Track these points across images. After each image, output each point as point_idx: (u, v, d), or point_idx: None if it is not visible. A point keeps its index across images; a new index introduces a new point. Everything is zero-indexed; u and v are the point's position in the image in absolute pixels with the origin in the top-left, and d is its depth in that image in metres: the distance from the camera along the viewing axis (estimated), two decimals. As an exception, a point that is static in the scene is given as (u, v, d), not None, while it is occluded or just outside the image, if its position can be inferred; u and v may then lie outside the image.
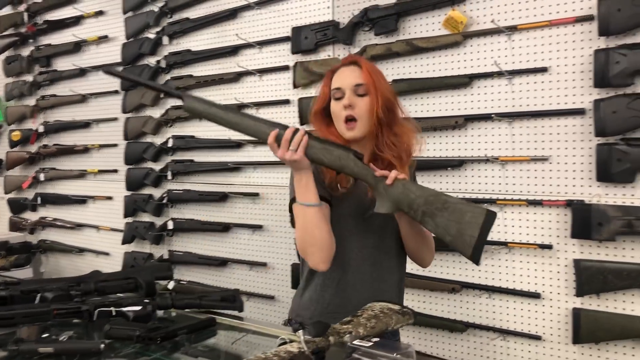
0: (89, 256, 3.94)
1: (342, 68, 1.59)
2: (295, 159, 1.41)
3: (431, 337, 2.51)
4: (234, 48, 3.06)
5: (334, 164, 1.44)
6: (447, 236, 1.41)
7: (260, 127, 1.47)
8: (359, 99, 1.53)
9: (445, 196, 1.43)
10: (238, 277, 3.18)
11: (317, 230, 1.47)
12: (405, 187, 1.44)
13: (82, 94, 3.82)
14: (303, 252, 1.53)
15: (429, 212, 1.42)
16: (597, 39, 2.08)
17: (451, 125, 2.38)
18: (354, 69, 1.56)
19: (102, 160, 3.81)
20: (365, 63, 1.57)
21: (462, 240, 1.39)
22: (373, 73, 1.55)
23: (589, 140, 2.12)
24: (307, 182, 1.46)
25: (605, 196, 2.09)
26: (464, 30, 2.35)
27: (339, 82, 1.56)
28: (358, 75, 1.55)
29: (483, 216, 1.38)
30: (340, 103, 1.54)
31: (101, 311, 1.55)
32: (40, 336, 1.45)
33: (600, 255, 2.11)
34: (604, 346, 2.13)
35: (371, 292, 1.59)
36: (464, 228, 1.39)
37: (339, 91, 1.55)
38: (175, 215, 3.42)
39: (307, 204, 1.46)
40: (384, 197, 1.45)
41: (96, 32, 3.74)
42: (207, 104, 1.46)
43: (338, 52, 2.72)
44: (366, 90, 1.54)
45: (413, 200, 1.43)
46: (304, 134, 1.41)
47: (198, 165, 3.27)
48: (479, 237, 1.38)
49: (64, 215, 4.06)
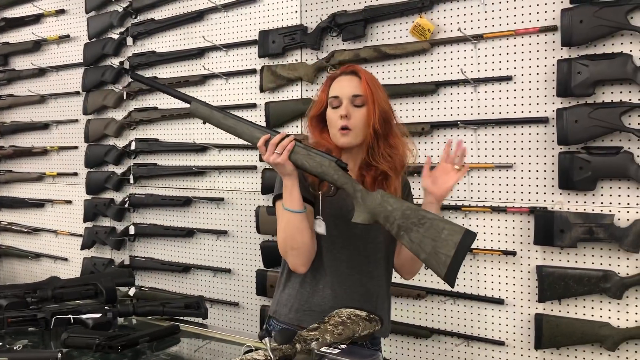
0: (47, 262, 3.81)
1: (341, 76, 1.60)
2: (278, 161, 1.45)
3: (396, 343, 2.51)
4: (200, 50, 3.02)
5: (315, 170, 1.47)
6: (421, 253, 1.40)
7: (254, 132, 1.50)
8: (355, 109, 1.56)
9: (423, 212, 1.42)
10: (202, 284, 3.12)
11: (298, 234, 1.51)
12: (384, 199, 1.45)
13: (41, 95, 3.70)
14: (284, 254, 1.56)
15: (405, 226, 1.41)
16: (560, 49, 2.13)
17: (418, 131, 2.39)
18: (353, 78, 1.58)
19: (61, 162, 3.70)
20: (365, 73, 1.58)
21: (437, 258, 1.37)
22: (371, 84, 1.56)
23: (552, 148, 2.16)
24: (292, 189, 1.49)
25: (567, 203, 2.13)
26: (431, 38, 2.37)
27: (337, 90, 1.58)
28: (357, 85, 1.56)
29: (460, 235, 1.36)
30: (337, 112, 1.56)
31: (58, 319, 1.50)
32: (-8, 345, 1.39)
33: (562, 262, 2.15)
34: (564, 351, 2.17)
35: (347, 293, 1.60)
36: (440, 246, 1.37)
37: (336, 100, 1.57)
38: (137, 220, 3.34)
39: (290, 210, 1.49)
40: (362, 207, 1.46)
41: (57, 32, 3.64)
42: (209, 108, 1.56)
43: (306, 56, 2.71)
44: (363, 102, 1.56)
45: (390, 212, 1.43)
46: (291, 140, 1.46)
47: (161, 169, 3.21)
48: (454, 256, 1.35)
49: (20, 219, 3.93)
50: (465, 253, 1.37)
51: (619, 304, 2.07)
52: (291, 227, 1.51)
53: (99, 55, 3.40)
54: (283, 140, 1.46)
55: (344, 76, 1.59)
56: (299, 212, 1.49)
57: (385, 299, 1.68)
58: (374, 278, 1.64)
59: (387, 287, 1.70)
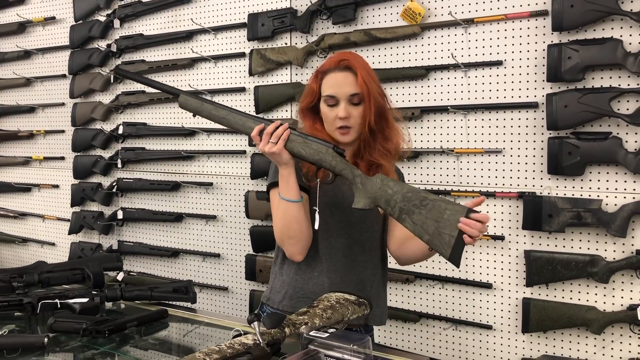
0: (34, 246, 3.78)
1: (336, 73, 1.55)
2: (274, 151, 1.44)
3: (385, 327, 2.52)
4: (188, 33, 2.98)
5: (312, 157, 1.46)
6: (424, 235, 1.38)
7: (247, 122, 1.49)
8: (353, 108, 1.54)
9: (424, 193, 1.40)
10: (191, 268, 3.11)
11: (295, 224, 1.51)
12: (384, 182, 1.43)
13: (27, 77, 3.65)
14: (281, 242, 1.56)
15: (407, 209, 1.40)
16: (550, 34, 2.12)
17: (407, 116, 2.38)
18: (348, 75, 1.53)
19: (48, 146, 3.66)
20: (360, 69, 1.53)
21: (441, 239, 1.35)
22: (367, 80, 1.52)
23: (541, 133, 2.16)
24: (289, 178, 1.48)
25: (556, 188, 2.14)
26: (422, 22, 2.35)
27: (333, 89, 1.54)
28: (353, 83, 1.52)
29: (463, 214, 1.34)
30: (334, 111, 1.54)
31: (45, 303, 1.48)
32: (-22, 330, 1.37)
33: (550, 246, 2.16)
34: (551, 334, 2.19)
35: (343, 280, 1.59)
36: (443, 226, 1.35)
37: (332, 99, 1.54)
38: (125, 204, 3.32)
39: (287, 200, 1.49)
40: (362, 192, 1.45)
41: (42, 13, 3.57)
42: (199, 101, 1.53)
43: (295, 40, 2.69)
44: (360, 99, 1.54)
45: (391, 196, 1.42)
46: (285, 128, 1.44)
47: (149, 154, 3.18)
48: (458, 236, 1.34)
49: (7, 203, 3.89)
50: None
51: (605, 288, 2.08)
52: (288, 216, 1.50)
53: (85, 37, 3.35)
54: (278, 129, 1.44)
55: (338, 72, 1.54)
56: (296, 202, 1.49)
57: (380, 287, 1.68)
58: (370, 266, 1.64)
59: (382, 276, 1.70)
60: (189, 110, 1.54)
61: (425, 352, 2.44)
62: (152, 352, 1.46)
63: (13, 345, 1.32)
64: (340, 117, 1.52)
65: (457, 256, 1.36)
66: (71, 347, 1.40)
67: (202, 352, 1.10)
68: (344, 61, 1.55)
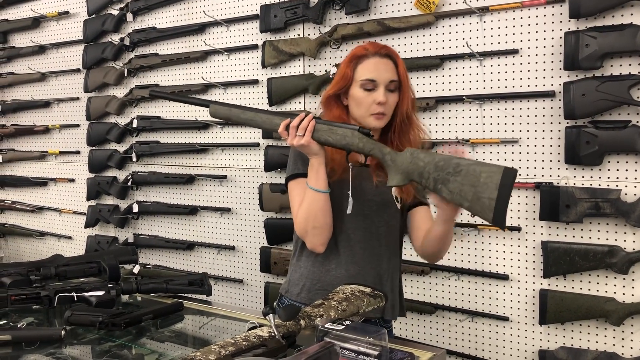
0: (51, 240, 3.82)
1: (376, 58, 1.55)
2: (302, 143, 1.46)
3: (401, 319, 2.51)
4: (201, 26, 2.98)
5: (340, 142, 1.46)
6: (464, 202, 1.32)
7: (274, 119, 1.51)
8: (389, 94, 1.55)
9: (457, 159, 1.35)
10: (206, 261, 3.13)
11: (321, 214, 1.52)
12: (414, 155, 1.40)
13: (42, 72, 3.67)
14: (304, 232, 1.56)
15: (441, 179, 1.34)
16: (567, 21, 2.09)
17: (422, 106, 2.36)
18: (389, 63, 1.56)
19: (63, 141, 3.69)
20: (399, 58, 1.58)
21: (481, 204, 1.29)
22: (405, 71, 1.57)
23: (558, 122, 2.13)
24: (318, 168, 1.50)
25: (574, 178, 2.11)
26: (436, 11, 2.32)
27: (374, 74, 1.54)
28: (393, 70, 1.55)
29: (500, 174, 1.28)
30: (372, 96, 1.54)
31: (62, 296, 1.49)
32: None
33: (567, 237, 2.13)
34: (569, 326, 2.16)
35: (361, 273, 1.59)
36: (481, 191, 1.29)
37: (372, 83, 1.54)
38: (140, 197, 3.34)
39: (316, 190, 1.50)
40: (393, 169, 1.43)
41: (56, 8, 3.58)
42: (228, 107, 1.58)
43: (308, 31, 2.67)
44: (396, 87, 1.56)
45: (423, 168, 1.38)
46: (310, 119, 1.46)
47: (164, 147, 3.19)
48: (498, 198, 1.27)
49: (24, 197, 3.93)
50: (510, 191, 1.28)
51: (625, 279, 2.05)
52: (315, 206, 1.51)
53: (99, 31, 3.36)
54: (303, 122, 1.45)
55: (379, 58, 1.55)
56: (324, 192, 1.50)
57: (397, 280, 1.68)
58: (387, 259, 1.63)
59: (399, 269, 1.70)
60: (220, 117, 1.60)
61: (441, 343, 2.43)
62: (168, 344, 1.46)
63: (31, 338, 1.33)
64: (379, 101, 1.53)
65: (502, 217, 1.29)
66: (88, 340, 1.40)
67: (218, 344, 1.10)
68: (385, 49, 1.58)
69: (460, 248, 2.36)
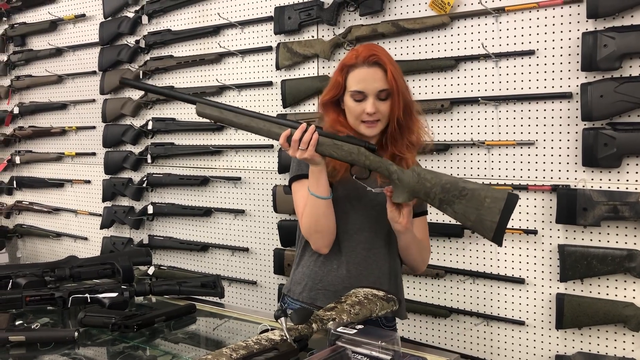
0: (67, 241, 3.86)
1: (364, 68, 1.53)
2: (305, 157, 1.44)
3: (415, 323, 2.49)
4: (216, 28, 2.98)
5: (345, 158, 1.47)
6: (467, 222, 1.44)
7: (272, 127, 1.48)
8: (380, 103, 1.54)
9: (462, 182, 1.44)
10: (220, 263, 3.13)
11: (324, 219, 1.53)
12: (420, 176, 1.46)
13: (59, 75, 3.70)
14: (308, 236, 1.58)
15: (447, 200, 1.44)
16: (585, 22, 2.05)
17: (437, 108, 2.34)
18: (378, 71, 1.52)
19: (79, 142, 3.72)
20: (389, 65, 1.52)
21: (483, 225, 1.42)
22: (396, 76, 1.52)
23: (575, 124, 2.09)
24: (319, 175, 1.50)
25: (591, 181, 2.08)
26: (451, 11, 2.30)
27: (362, 85, 1.52)
28: (382, 79, 1.52)
29: (503, 201, 1.40)
30: (362, 106, 1.53)
31: (76, 298, 1.50)
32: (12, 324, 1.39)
33: (585, 241, 2.10)
34: (587, 331, 2.13)
35: (363, 274, 1.60)
36: (484, 214, 1.41)
37: (360, 94, 1.53)
38: (155, 199, 3.35)
39: (318, 196, 1.51)
40: (400, 188, 1.47)
41: (72, 11, 3.62)
42: (218, 109, 1.49)
43: (322, 32, 2.66)
44: (388, 95, 1.53)
45: (429, 189, 1.45)
46: (313, 132, 1.43)
47: (178, 149, 3.20)
48: (499, 221, 1.40)
49: (41, 199, 3.97)
50: (510, 215, 1.41)
51: (644, 283, 2.02)
52: (317, 212, 1.52)
53: (114, 34, 3.38)
54: (305, 135, 1.43)
55: (367, 68, 1.52)
56: (326, 199, 1.51)
57: (399, 280, 1.69)
58: (389, 260, 1.64)
59: (400, 270, 1.71)
60: (209, 119, 1.53)
61: (456, 347, 2.40)
62: (182, 346, 1.46)
63: (44, 338, 1.33)
64: (368, 112, 1.52)
65: (499, 237, 1.42)
66: (102, 341, 1.41)
67: (230, 347, 1.10)
68: (373, 57, 1.53)
69: (476, 251, 2.33)
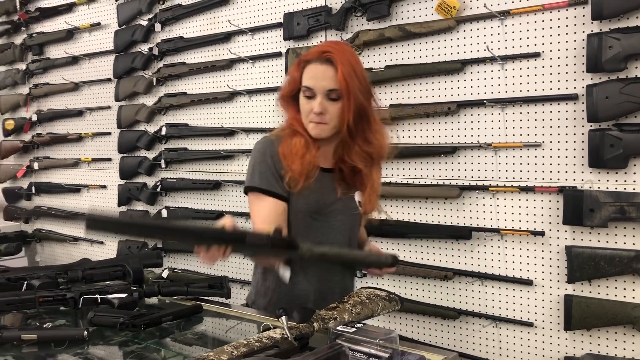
0: (84, 245, 3.93)
1: (316, 64, 1.47)
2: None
3: (424, 325, 2.51)
4: (226, 35, 3.03)
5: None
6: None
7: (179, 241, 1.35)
8: (330, 103, 1.47)
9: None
10: (232, 265, 3.17)
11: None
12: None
13: (75, 82, 3.79)
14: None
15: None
16: (590, 23, 2.06)
17: (444, 111, 2.35)
18: (329, 69, 1.45)
19: (95, 148, 3.79)
20: (341, 64, 1.44)
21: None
22: (348, 76, 1.44)
23: (582, 126, 2.10)
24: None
25: (598, 182, 2.08)
26: (457, 15, 2.32)
27: (311, 81, 1.47)
28: (332, 77, 1.45)
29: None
30: (311, 103, 1.48)
31: (86, 298, 1.54)
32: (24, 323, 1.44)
33: (592, 242, 2.10)
34: (595, 332, 2.12)
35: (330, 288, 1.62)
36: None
37: (310, 91, 1.48)
38: (169, 203, 3.41)
39: None
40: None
41: (88, 20, 3.70)
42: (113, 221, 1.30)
43: (330, 37, 2.70)
44: (338, 95, 1.46)
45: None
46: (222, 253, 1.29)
47: (191, 154, 3.26)
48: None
49: (58, 204, 4.05)
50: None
51: (652, 284, 2.01)
52: None
53: (128, 42, 3.45)
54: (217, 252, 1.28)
55: (319, 65, 1.46)
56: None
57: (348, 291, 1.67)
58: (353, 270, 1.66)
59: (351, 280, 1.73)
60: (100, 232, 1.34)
61: (465, 349, 2.41)
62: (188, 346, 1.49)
63: (55, 337, 1.38)
64: (314, 111, 1.46)
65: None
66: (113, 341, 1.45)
67: (231, 345, 1.13)
68: (327, 53, 1.46)
69: (484, 253, 2.34)
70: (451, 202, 2.39)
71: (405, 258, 2.52)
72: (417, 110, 2.41)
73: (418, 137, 2.46)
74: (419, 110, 2.40)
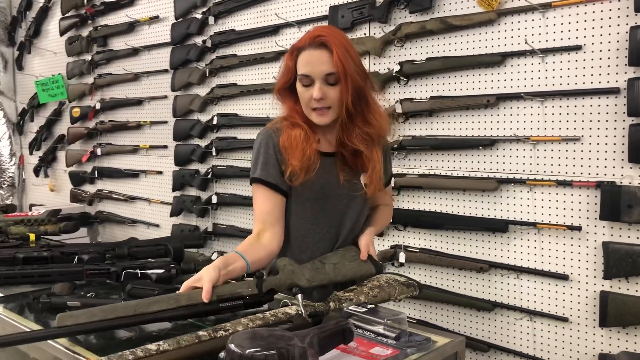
0: (141, 227, 4.14)
1: (310, 50, 1.47)
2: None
3: (458, 316, 2.53)
4: (275, 27, 3.12)
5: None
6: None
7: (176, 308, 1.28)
8: (329, 88, 1.48)
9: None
10: (276, 251, 3.27)
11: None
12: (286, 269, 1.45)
13: (135, 73, 3.99)
14: None
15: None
16: (633, 15, 2.01)
17: (483, 104, 2.36)
18: (324, 54, 1.45)
19: (153, 136, 3.99)
20: (336, 46, 1.44)
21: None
22: (344, 58, 1.44)
23: (622, 120, 2.06)
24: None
25: (638, 178, 2.04)
26: (498, 8, 2.31)
27: (307, 68, 1.47)
28: (328, 61, 1.45)
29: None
30: (309, 91, 1.48)
31: (128, 273, 1.67)
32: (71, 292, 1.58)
33: (630, 238, 2.06)
34: (632, 330, 2.09)
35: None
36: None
37: (307, 78, 1.48)
38: (219, 189, 3.55)
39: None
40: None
41: (148, 13, 3.89)
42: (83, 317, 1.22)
43: (373, 30, 2.74)
44: (337, 79, 1.47)
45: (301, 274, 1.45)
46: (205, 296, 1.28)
47: (240, 142, 3.38)
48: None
49: (118, 188, 4.29)
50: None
51: (691, 284, 1.96)
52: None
53: (184, 34, 3.60)
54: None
55: (312, 50, 1.46)
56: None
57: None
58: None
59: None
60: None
61: (499, 342, 2.42)
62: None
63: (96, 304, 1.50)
64: (314, 98, 1.46)
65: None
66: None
67: (248, 317, 1.22)
68: (319, 37, 1.46)
69: (520, 246, 2.34)
70: (488, 194, 2.39)
71: (442, 249, 2.54)
72: (456, 102, 2.42)
73: (457, 129, 2.47)
74: (458, 103, 2.42)
